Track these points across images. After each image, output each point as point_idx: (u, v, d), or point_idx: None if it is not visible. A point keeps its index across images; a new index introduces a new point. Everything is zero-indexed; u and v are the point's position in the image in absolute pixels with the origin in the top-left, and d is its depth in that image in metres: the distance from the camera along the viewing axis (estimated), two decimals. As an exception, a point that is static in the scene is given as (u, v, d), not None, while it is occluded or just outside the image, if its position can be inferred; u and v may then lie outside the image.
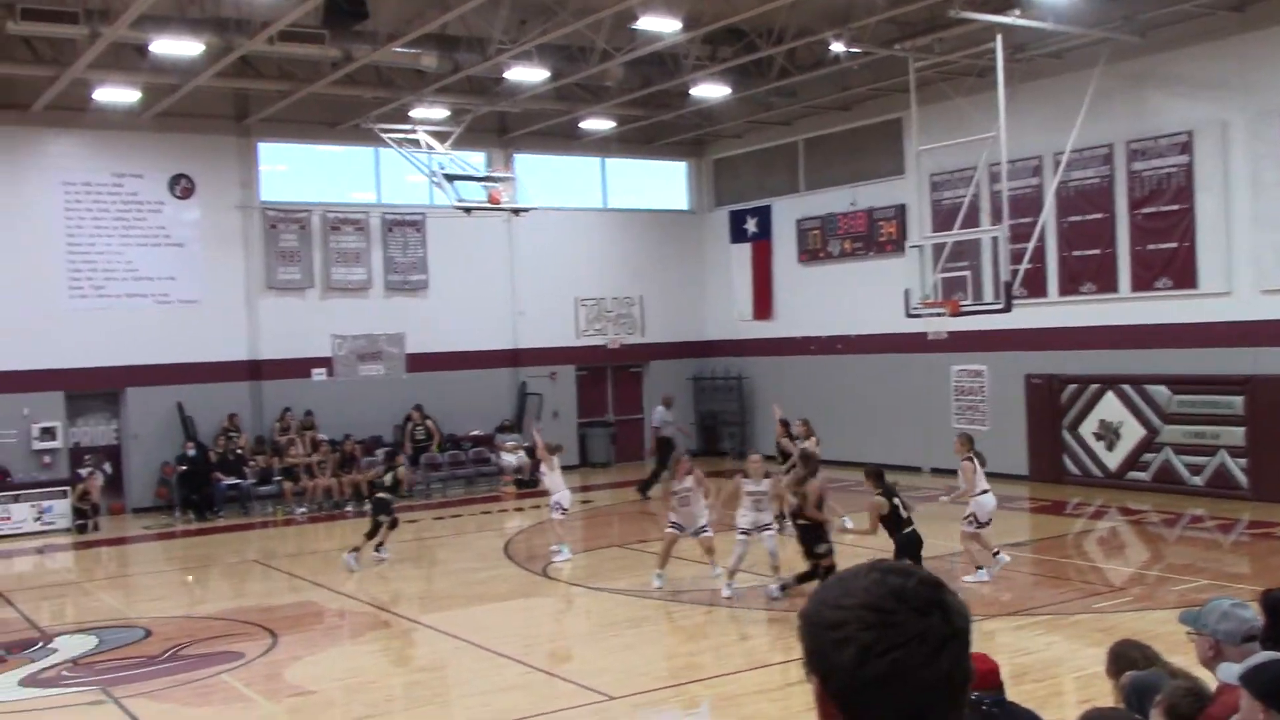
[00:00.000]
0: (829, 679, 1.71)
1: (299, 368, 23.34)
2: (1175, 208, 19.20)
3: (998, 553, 13.88)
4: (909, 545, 12.18)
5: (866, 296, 23.80)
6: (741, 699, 9.90)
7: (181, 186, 22.52)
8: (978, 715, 3.98)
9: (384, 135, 21.84)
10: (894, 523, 12.30)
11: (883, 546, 12.19)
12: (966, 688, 1.72)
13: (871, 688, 1.67)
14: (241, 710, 10.10)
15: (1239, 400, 18.47)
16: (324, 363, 23.63)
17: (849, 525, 16.31)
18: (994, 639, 11.52)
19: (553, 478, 16.55)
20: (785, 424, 18.82)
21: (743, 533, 13.52)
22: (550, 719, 9.62)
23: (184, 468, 21.27)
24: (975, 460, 14.07)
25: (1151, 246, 19.58)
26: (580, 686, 10.19)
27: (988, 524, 13.95)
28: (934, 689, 1.67)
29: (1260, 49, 17.98)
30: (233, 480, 21.54)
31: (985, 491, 13.87)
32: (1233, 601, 4.61)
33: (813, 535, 12.88)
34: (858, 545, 13.53)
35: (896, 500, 12.37)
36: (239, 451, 21.90)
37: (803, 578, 12.89)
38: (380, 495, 16.56)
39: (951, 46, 18.96)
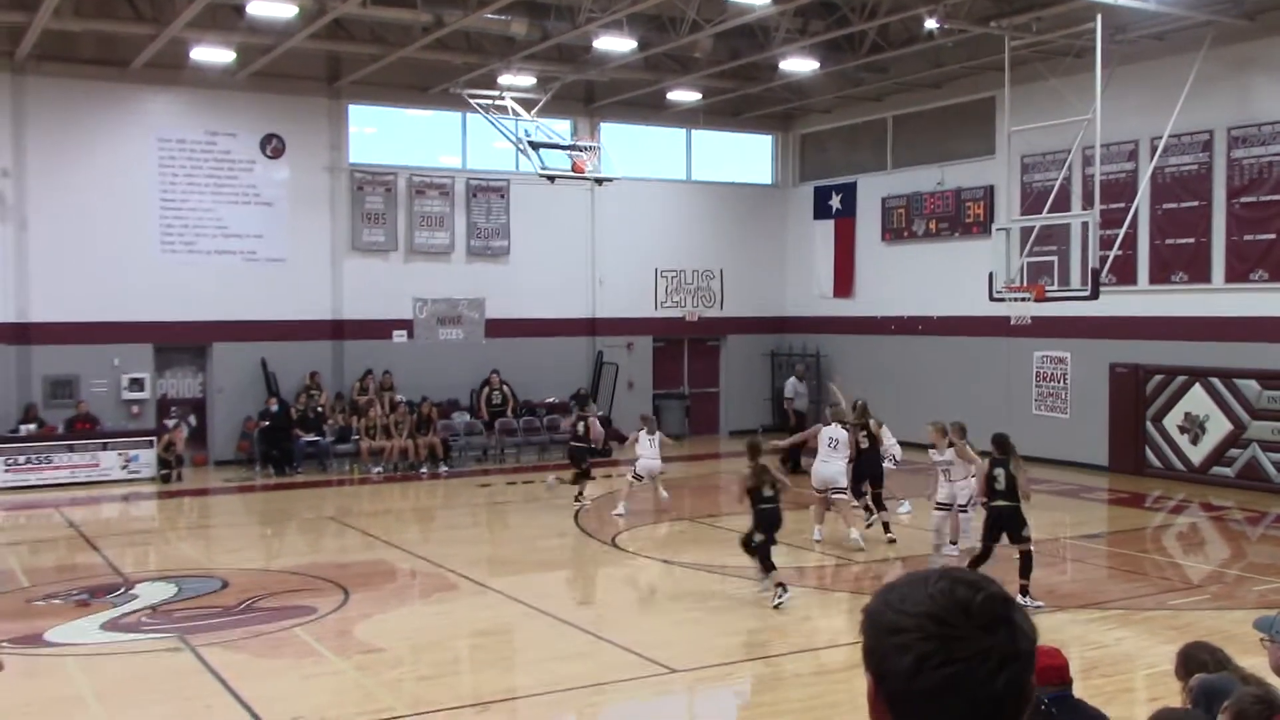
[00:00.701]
0: (883, 681, 1.69)
1: (380, 329, 23.65)
2: (1276, 198, 18.64)
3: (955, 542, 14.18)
4: (768, 518, 12.21)
5: (950, 278, 23.48)
6: (805, 679, 9.89)
7: (272, 146, 22.86)
8: (1035, 714, 3.93)
9: (471, 101, 21.99)
10: (756, 497, 12.28)
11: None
12: (1023, 707, 1.68)
13: (924, 697, 1.65)
14: (312, 664, 10.30)
15: (1333, 398, 17.94)
16: (405, 325, 23.92)
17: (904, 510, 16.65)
18: (1064, 631, 11.36)
19: (642, 447, 17.36)
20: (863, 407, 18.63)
21: (940, 507, 14.21)
22: (612, 689, 9.70)
23: (266, 423, 21.69)
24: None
25: (1249, 237, 19.04)
26: (643, 658, 10.24)
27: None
28: (988, 706, 1.64)
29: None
30: (312, 437, 21.93)
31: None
32: (1309, 610, 4.49)
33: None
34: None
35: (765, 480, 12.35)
36: (319, 409, 22.29)
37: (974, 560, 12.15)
38: (574, 444, 17.75)
39: (1049, 25, 18.53)
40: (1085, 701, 5.77)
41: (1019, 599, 11.49)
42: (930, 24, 18.24)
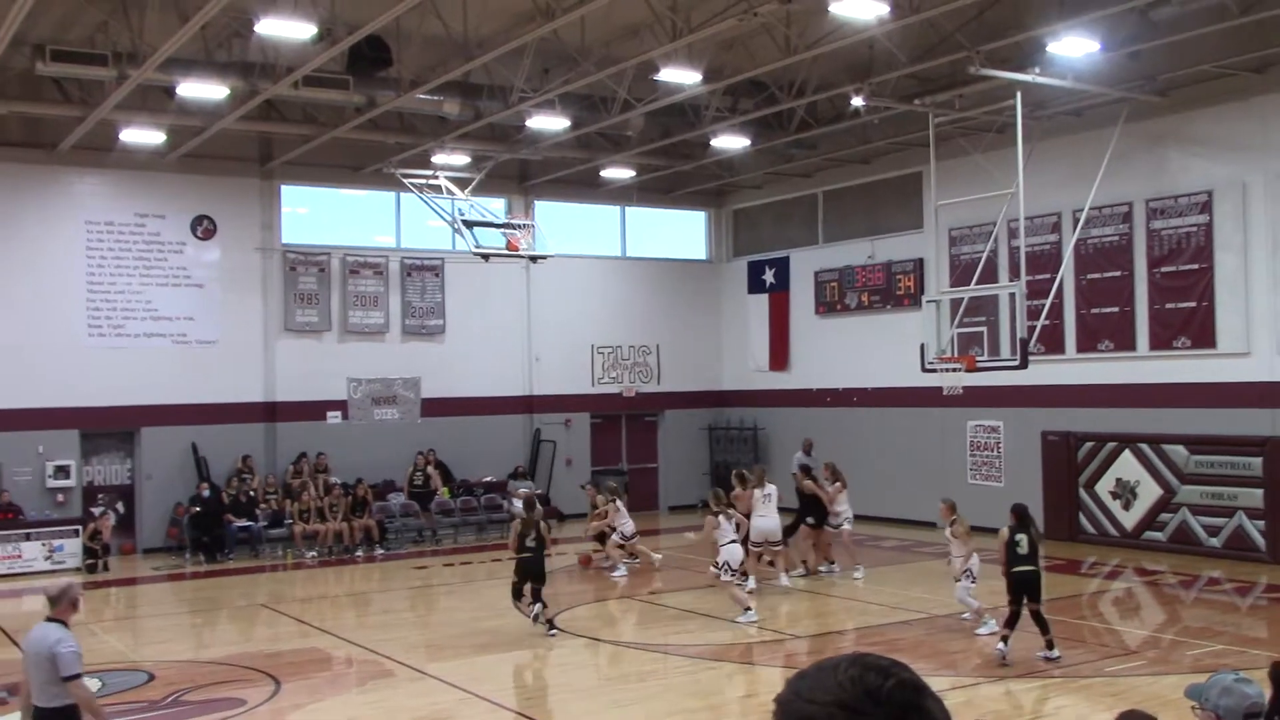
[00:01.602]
0: None
1: (314, 410, 23.37)
2: (1194, 267, 19.13)
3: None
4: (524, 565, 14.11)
5: (883, 349, 23.74)
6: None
7: (203, 228, 22.70)
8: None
9: (405, 180, 22.05)
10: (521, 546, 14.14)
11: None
12: None
13: None
14: (241, 758, 9.99)
15: (1258, 461, 18.29)
16: (339, 405, 23.66)
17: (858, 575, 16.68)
18: (1004, 701, 11.36)
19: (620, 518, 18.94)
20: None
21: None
22: (551, 774, 9.50)
23: (197, 509, 21.25)
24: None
25: (1170, 305, 19.48)
26: (582, 741, 10.06)
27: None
28: None
29: (1277, 110, 17.95)
30: (244, 522, 21.52)
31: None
32: (1236, 676, 4.53)
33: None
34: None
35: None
36: (251, 493, 21.91)
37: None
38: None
39: (971, 103, 19.02)
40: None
41: (1047, 651, 11.79)
42: (856, 102, 18.63)
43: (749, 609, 14.86)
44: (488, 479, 24.55)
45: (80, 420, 21.40)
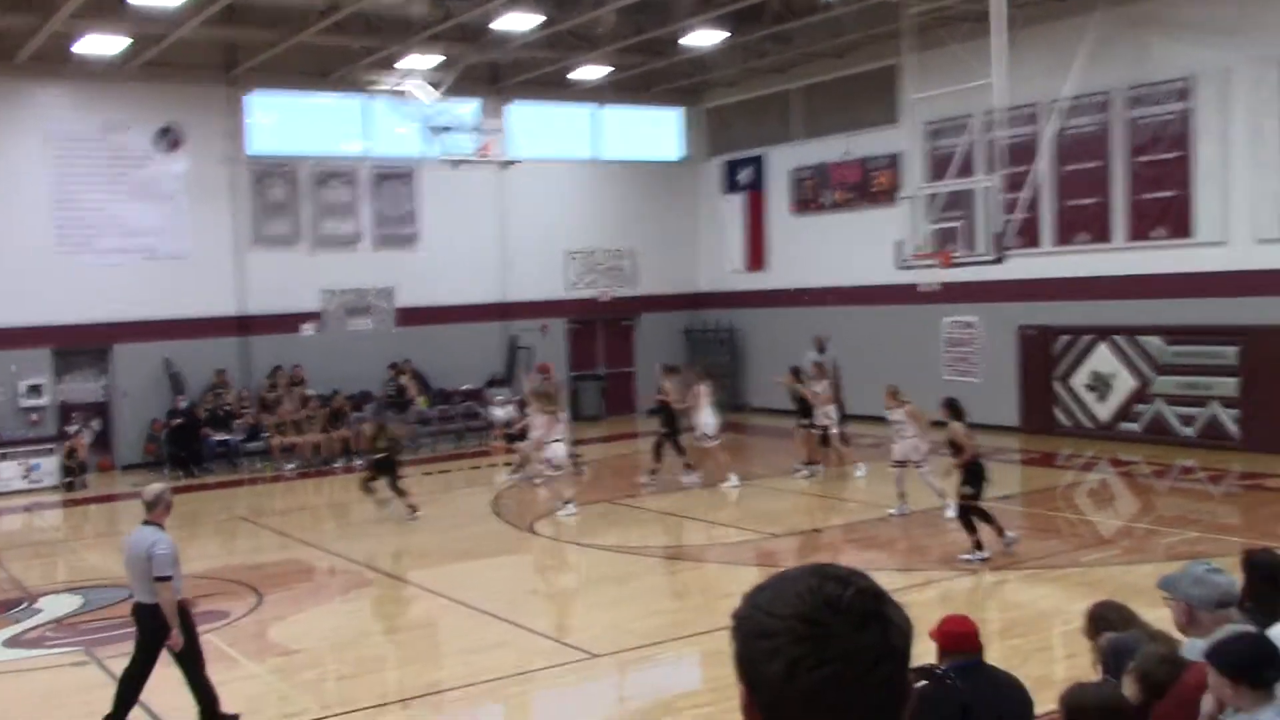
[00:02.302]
0: (756, 689, 1.61)
1: (288, 323, 23.18)
2: (1173, 155, 18.98)
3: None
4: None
5: (859, 247, 23.60)
6: (726, 656, 9.83)
7: (169, 138, 22.24)
8: (940, 688, 3.88)
9: (373, 85, 21.56)
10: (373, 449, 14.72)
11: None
12: (902, 705, 1.60)
13: (798, 702, 1.56)
14: (225, 670, 10.00)
15: (1233, 351, 18.36)
16: (313, 317, 23.45)
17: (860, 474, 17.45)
18: (982, 593, 11.49)
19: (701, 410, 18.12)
20: (796, 371, 18.78)
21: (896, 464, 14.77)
22: (534, 677, 9.59)
23: (178, 421, 21.14)
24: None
25: (1148, 195, 19.37)
26: (563, 645, 10.15)
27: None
28: (866, 706, 1.56)
29: (1262, -7, 17.69)
30: (221, 436, 21.45)
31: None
32: (1207, 567, 4.52)
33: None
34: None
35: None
36: (227, 407, 21.80)
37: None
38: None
39: (947, -8, 18.64)
40: (998, 667, 5.77)
41: (1005, 539, 11.86)
42: (830, -7, 18.26)
43: (569, 502, 15.82)
44: (465, 387, 24.49)
45: (51, 338, 21.17)
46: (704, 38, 21.51)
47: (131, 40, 19.77)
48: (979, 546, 12.18)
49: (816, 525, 15.22)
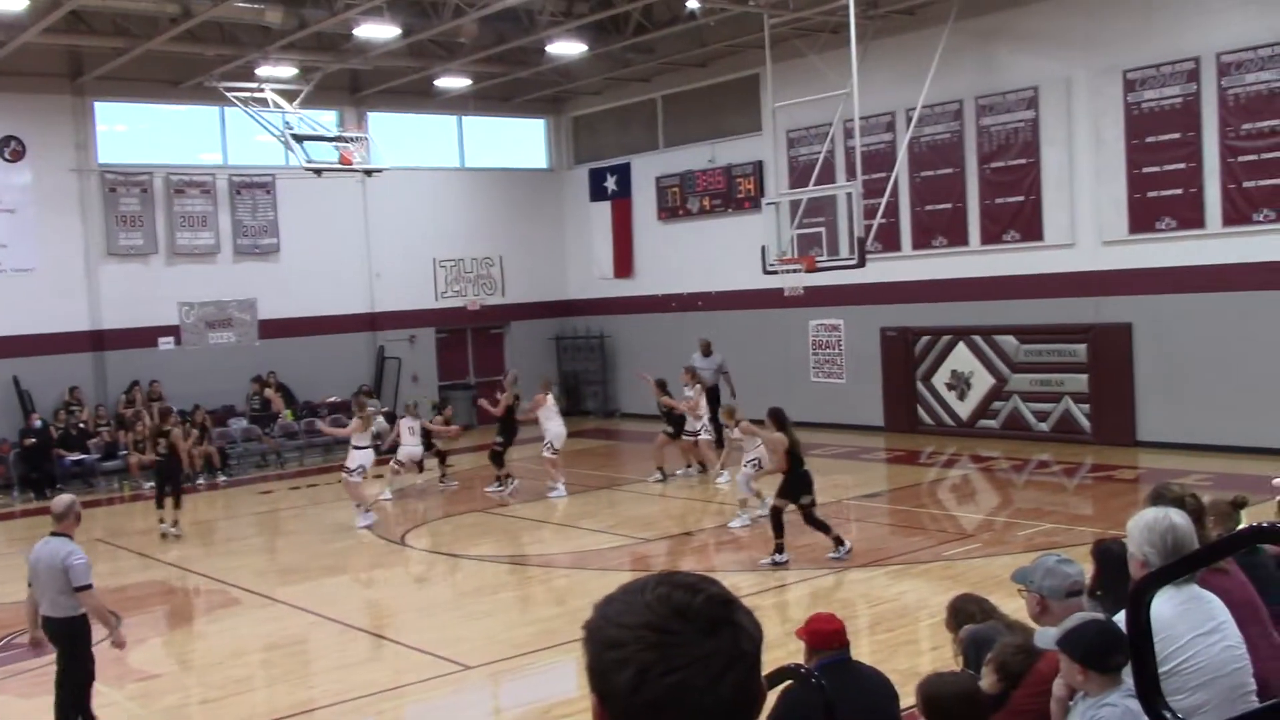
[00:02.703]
0: (607, 700, 1.60)
1: (145, 337, 22.48)
2: (1022, 162, 19.66)
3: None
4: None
5: (726, 253, 23.90)
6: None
7: (11, 149, 21.41)
8: (805, 688, 3.97)
9: (229, 94, 21.08)
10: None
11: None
12: (753, 712, 1.62)
13: (648, 712, 1.56)
14: (82, 698, 9.67)
15: (1082, 348, 19.10)
16: (171, 331, 22.80)
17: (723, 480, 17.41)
18: (849, 589, 11.74)
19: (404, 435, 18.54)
20: (661, 383, 18.86)
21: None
22: (406, 691, 9.48)
23: (31, 440, 20.30)
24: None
25: (999, 200, 20.04)
26: (436, 657, 10.04)
27: None
28: (715, 714, 1.57)
29: (1103, 6, 18.42)
30: (76, 456, 20.68)
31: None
32: (1058, 558, 4.70)
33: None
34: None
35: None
36: (81, 426, 21.04)
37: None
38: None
39: (805, 3, 19.00)
40: (863, 663, 5.92)
41: (837, 550, 12.03)
42: (692, 3, 18.47)
43: (369, 511, 16.18)
44: (332, 399, 24.07)
45: (-111, 357, 20.19)
46: (566, 48, 21.55)
47: (-30, 47, 18.99)
48: (780, 550, 12.42)
49: (687, 529, 15.35)
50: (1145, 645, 2.79)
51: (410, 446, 18.52)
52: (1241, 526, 6.19)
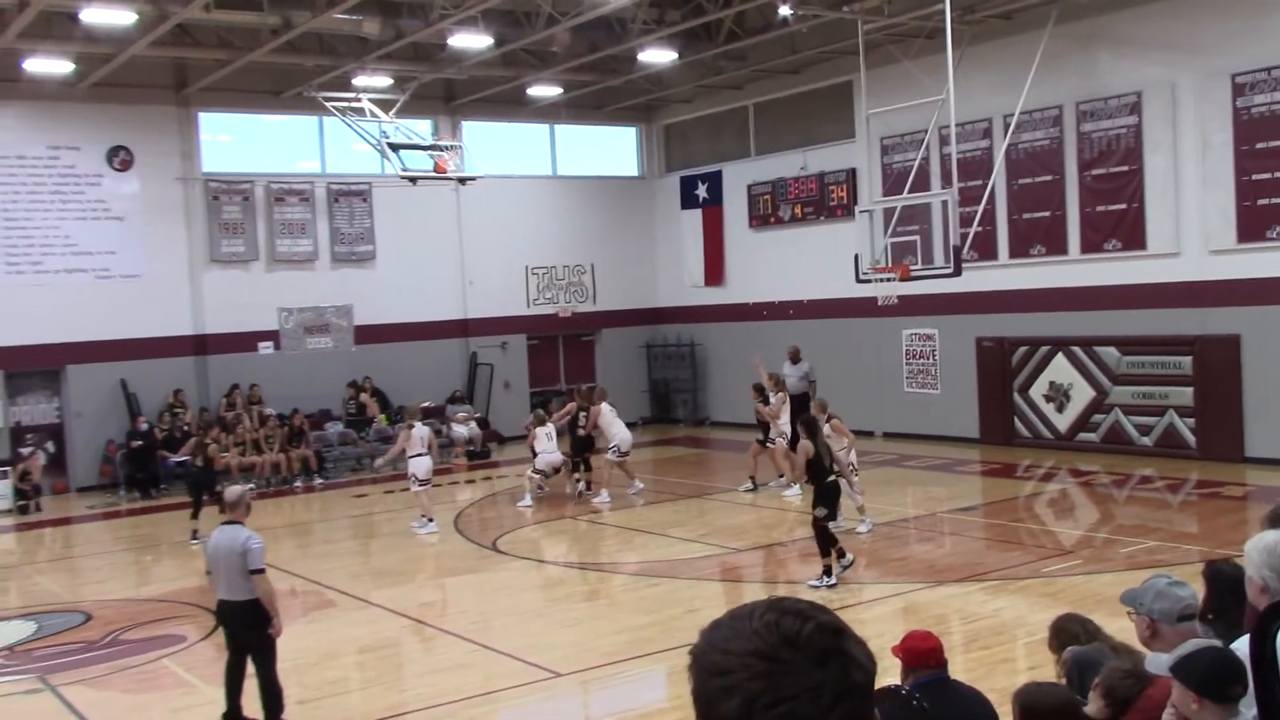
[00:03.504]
0: None
1: (245, 342, 22.98)
2: (1124, 169, 19.21)
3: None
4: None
5: (818, 261, 23.72)
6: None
7: (120, 158, 22.03)
8: (904, 709, 3.88)
9: (327, 104, 21.45)
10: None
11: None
12: None
13: None
14: (182, 696, 9.90)
15: (1187, 360, 18.58)
16: (270, 336, 23.29)
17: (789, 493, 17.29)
18: (945, 605, 11.53)
19: (540, 443, 18.13)
20: (759, 387, 18.72)
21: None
22: (498, 697, 9.52)
23: (137, 442, 20.85)
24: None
25: (1101, 208, 19.59)
26: (528, 664, 10.08)
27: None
28: None
29: (1208, 9, 17.94)
30: (179, 457, 21.16)
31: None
32: (1169, 580, 4.54)
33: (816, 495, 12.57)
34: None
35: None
36: (185, 428, 21.55)
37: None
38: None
39: (900, 8, 18.78)
40: (961, 682, 5.79)
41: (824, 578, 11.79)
42: (784, 10, 18.35)
43: (431, 519, 16.22)
44: (425, 404, 24.30)
45: (3, 360, 20.86)
46: (658, 56, 21.56)
47: (79, 62, 19.57)
48: (828, 571, 12.08)
49: (778, 540, 15.22)
50: (1271, 677, 2.67)
51: (549, 454, 18.09)
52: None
